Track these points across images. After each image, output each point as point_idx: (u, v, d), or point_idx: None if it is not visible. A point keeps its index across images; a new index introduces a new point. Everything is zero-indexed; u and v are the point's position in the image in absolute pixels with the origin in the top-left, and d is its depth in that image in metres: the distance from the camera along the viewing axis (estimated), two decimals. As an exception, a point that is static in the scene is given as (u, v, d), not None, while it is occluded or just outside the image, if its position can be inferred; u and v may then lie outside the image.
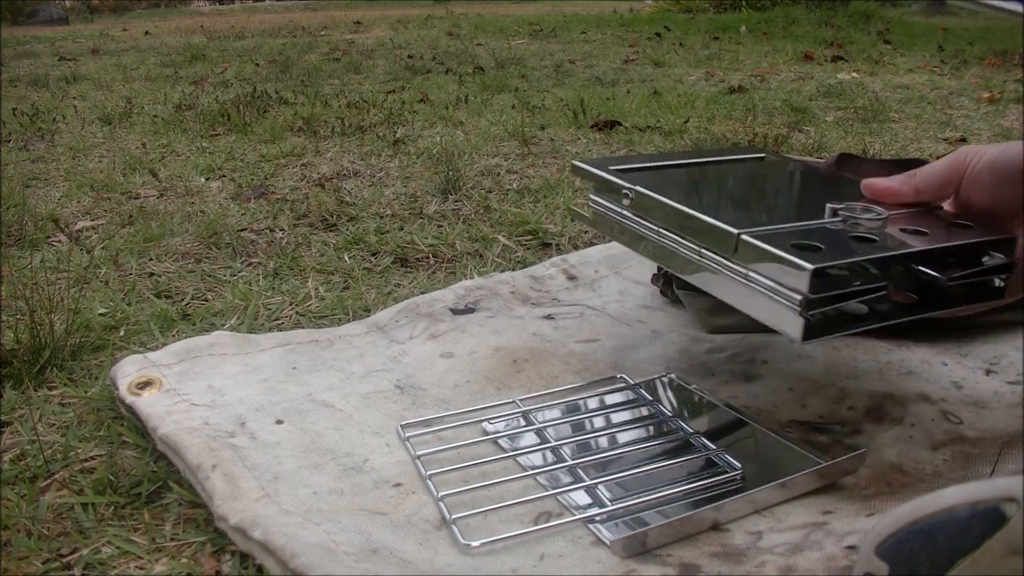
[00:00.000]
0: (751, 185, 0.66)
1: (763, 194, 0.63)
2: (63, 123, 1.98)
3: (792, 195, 0.64)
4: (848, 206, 0.55)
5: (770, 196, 0.63)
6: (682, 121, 1.80)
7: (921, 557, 0.32)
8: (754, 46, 3.58)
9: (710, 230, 0.54)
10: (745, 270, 0.52)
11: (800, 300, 0.48)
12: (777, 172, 0.70)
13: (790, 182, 0.67)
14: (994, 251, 0.53)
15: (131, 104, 2.18)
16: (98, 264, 0.96)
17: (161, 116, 2.03)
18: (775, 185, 0.66)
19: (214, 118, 1.93)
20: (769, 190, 0.65)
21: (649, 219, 0.61)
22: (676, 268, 0.59)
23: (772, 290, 0.50)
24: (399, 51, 3.64)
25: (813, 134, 1.69)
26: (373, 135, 1.74)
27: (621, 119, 1.82)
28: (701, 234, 0.56)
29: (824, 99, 2.17)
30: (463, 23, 5.31)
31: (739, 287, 0.53)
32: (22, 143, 1.73)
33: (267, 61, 3.31)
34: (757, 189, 0.65)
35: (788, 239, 0.51)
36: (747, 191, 0.64)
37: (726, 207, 0.59)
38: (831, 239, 0.51)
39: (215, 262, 0.98)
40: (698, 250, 0.56)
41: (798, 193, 0.65)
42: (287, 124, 1.86)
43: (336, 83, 2.67)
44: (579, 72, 2.83)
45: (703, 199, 0.61)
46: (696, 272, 0.57)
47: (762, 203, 0.61)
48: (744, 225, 0.53)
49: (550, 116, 1.93)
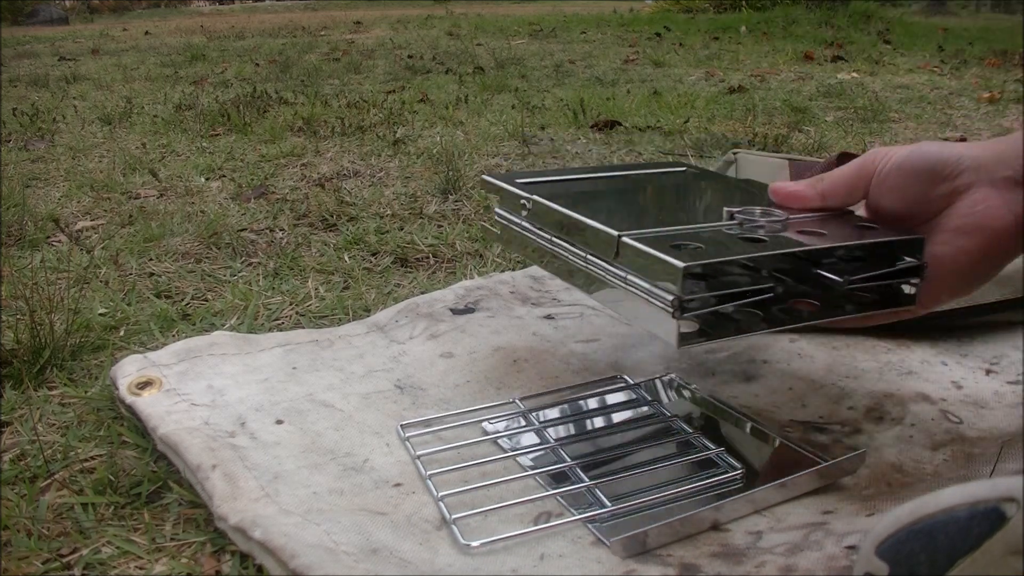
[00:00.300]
0: (654, 193, 0.64)
1: (663, 201, 0.61)
2: (63, 123, 1.98)
3: (695, 202, 0.62)
4: (746, 210, 0.53)
5: (670, 203, 0.61)
6: (682, 121, 1.80)
7: (921, 557, 0.32)
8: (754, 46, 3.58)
9: (594, 234, 0.53)
10: (624, 273, 0.50)
11: (672, 301, 0.46)
12: (687, 182, 0.68)
13: (697, 190, 0.65)
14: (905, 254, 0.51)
15: (131, 104, 2.18)
16: (98, 264, 0.96)
17: (161, 116, 2.03)
18: (679, 193, 0.64)
19: (214, 118, 1.93)
20: (671, 198, 0.63)
21: (543, 228, 0.59)
22: (564, 277, 0.57)
23: (648, 292, 0.48)
24: (399, 51, 3.64)
25: (813, 134, 1.69)
26: (373, 135, 1.74)
27: (621, 119, 1.82)
28: (586, 239, 0.54)
29: (824, 99, 2.17)
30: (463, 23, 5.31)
31: (619, 292, 0.51)
32: (22, 143, 1.73)
33: (267, 61, 3.31)
34: (658, 197, 0.63)
35: (671, 241, 0.49)
36: (647, 199, 0.62)
37: (618, 213, 0.57)
38: (718, 241, 0.49)
39: (215, 262, 0.98)
40: (584, 256, 0.54)
41: (702, 200, 0.62)
42: (287, 124, 1.86)
43: (336, 83, 2.67)
44: (579, 72, 2.83)
45: (596, 206, 0.58)
46: (582, 280, 0.55)
47: (658, 209, 0.58)
48: (628, 228, 0.51)
49: (550, 116, 1.93)
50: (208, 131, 1.82)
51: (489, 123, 1.85)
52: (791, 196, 0.56)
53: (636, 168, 0.72)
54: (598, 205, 0.59)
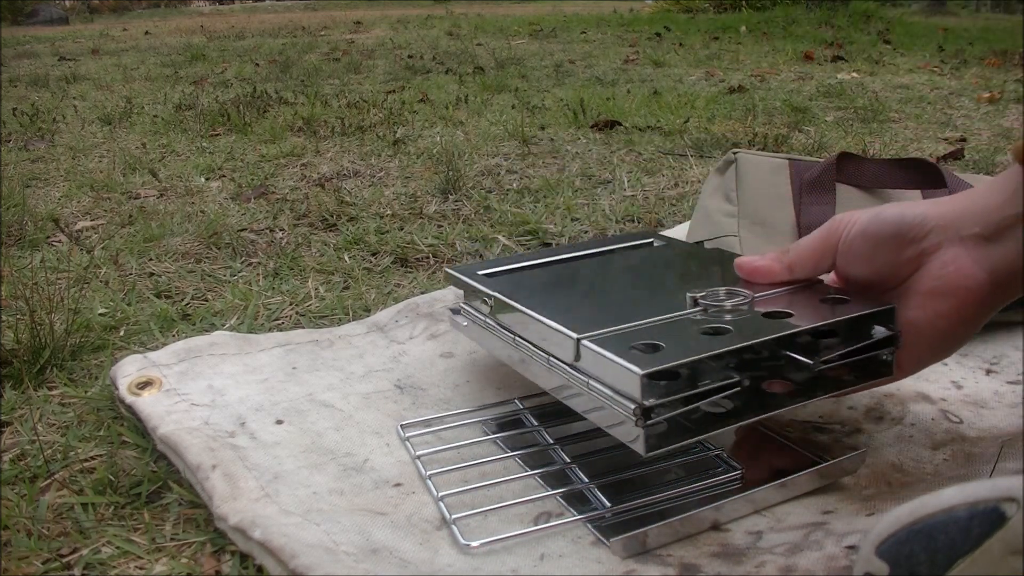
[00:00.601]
0: (618, 279, 0.61)
1: (626, 288, 0.59)
2: (63, 123, 1.98)
3: (659, 285, 0.59)
4: (710, 293, 0.52)
5: (633, 290, 0.58)
6: (682, 121, 1.80)
7: (921, 557, 0.32)
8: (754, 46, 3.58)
9: (553, 335, 0.50)
10: (586, 378, 0.48)
11: (634, 409, 0.43)
12: (653, 260, 0.65)
13: (663, 270, 0.63)
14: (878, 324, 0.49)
15: (131, 104, 2.19)
16: (98, 264, 0.96)
17: (161, 116, 2.03)
18: (644, 276, 0.62)
19: (214, 118, 1.93)
20: (634, 283, 0.60)
21: (505, 326, 0.57)
22: (531, 377, 0.55)
23: (610, 399, 0.45)
24: (399, 51, 3.64)
25: (813, 134, 1.69)
26: (373, 135, 1.74)
27: (621, 119, 1.82)
28: (547, 340, 0.51)
29: (824, 99, 2.17)
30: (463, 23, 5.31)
31: (584, 397, 0.48)
32: (22, 143, 1.73)
33: (267, 61, 3.31)
34: (621, 283, 0.60)
35: (631, 340, 0.47)
36: (610, 286, 0.59)
37: (579, 308, 0.54)
38: (679, 334, 0.47)
39: (215, 262, 0.98)
40: (546, 357, 0.52)
41: (667, 282, 0.60)
42: (287, 124, 1.86)
43: (336, 83, 2.67)
44: (579, 72, 2.83)
45: (557, 301, 0.56)
46: (547, 381, 0.53)
47: (621, 299, 0.56)
48: (588, 328, 0.49)
49: (550, 116, 1.93)
50: (208, 131, 1.82)
51: (489, 123, 1.85)
52: (757, 272, 0.54)
53: (604, 245, 0.70)
54: (559, 299, 0.56)
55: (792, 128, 1.76)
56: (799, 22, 4.54)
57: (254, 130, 1.81)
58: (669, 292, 0.56)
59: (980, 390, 0.63)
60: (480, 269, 0.64)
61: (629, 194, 1.24)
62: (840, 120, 1.87)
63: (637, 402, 0.43)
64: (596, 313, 0.52)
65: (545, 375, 0.53)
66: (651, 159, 1.47)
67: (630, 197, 1.22)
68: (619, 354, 0.45)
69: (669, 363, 0.43)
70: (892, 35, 4.04)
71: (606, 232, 1.06)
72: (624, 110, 1.97)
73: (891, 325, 0.49)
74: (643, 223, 1.10)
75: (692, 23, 4.87)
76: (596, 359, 0.46)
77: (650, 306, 0.52)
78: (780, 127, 1.76)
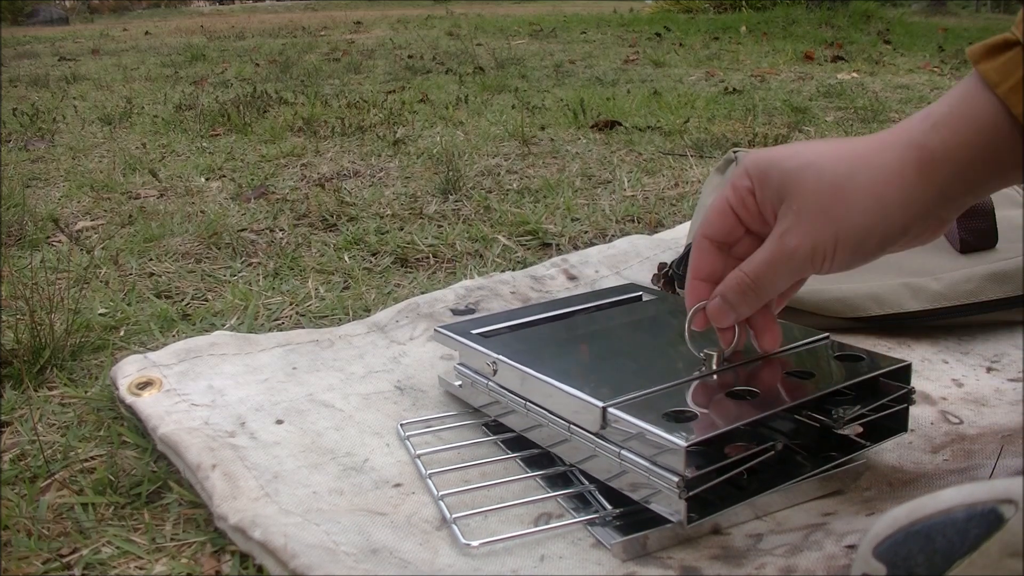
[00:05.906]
0: (619, 337, 0.60)
1: (631, 347, 0.58)
2: (63, 123, 1.98)
3: (666, 342, 0.59)
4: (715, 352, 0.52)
5: (638, 348, 0.58)
6: (682, 121, 1.80)
7: (919, 559, 0.32)
8: (754, 46, 3.58)
9: (572, 402, 0.49)
10: (617, 448, 0.47)
11: (678, 481, 0.43)
12: (646, 315, 0.65)
13: (660, 326, 0.62)
14: (894, 380, 0.51)
15: (131, 104, 2.19)
16: (98, 264, 0.96)
17: (161, 116, 2.03)
18: (644, 333, 0.61)
19: (214, 118, 1.93)
20: (636, 341, 0.59)
21: (513, 391, 0.55)
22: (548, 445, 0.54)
23: (646, 470, 0.45)
24: (399, 51, 3.64)
25: (813, 134, 1.69)
26: (373, 135, 1.74)
27: (621, 119, 1.82)
28: (566, 407, 0.50)
29: (824, 99, 2.17)
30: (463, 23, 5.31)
31: (613, 465, 0.47)
32: (22, 143, 1.73)
33: (267, 61, 3.32)
34: (624, 342, 0.59)
35: (657, 405, 0.46)
36: (614, 346, 0.58)
37: (592, 370, 0.53)
38: (705, 398, 0.47)
39: (215, 262, 0.98)
40: (567, 426, 0.50)
41: (673, 338, 0.59)
42: (287, 124, 1.86)
43: (336, 83, 2.67)
44: (579, 72, 2.83)
45: (566, 364, 0.55)
46: (568, 451, 0.52)
47: (630, 360, 0.55)
48: (607, 393, 0.48)
49: (550, 116, 1.93)
50: (208, 131, 1.82)
51: (489, 123, 1.85)
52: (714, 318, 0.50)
53: (589, 301, 0.69)
54: (566, 362, 0.55)
55: (792, 128, 1.76)
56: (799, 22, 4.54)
57: (254, 130, 1.81)
58: (676, 348, 0.56)
59: (981, 388, 0.64)
60: (472, 328, 0.63)
61: (629, 194, 1.24)
62: (840, 120, 1.87)
63: (680, 474, 0.43)
64: (611, 376, 0.52)
65: (565, 443, 0.52)
66: (651, 159, 1.47)
67: (630, 197, 1.22)
68: (654, 424, 0.44)
69: (710, 434, 0.43)
70: (892, 35, 4.04)
71: (606, 232, 1.06)
72: (624, 110, 1.97)
73: (905, 380, 0.51)
74: (643, 223, 1.10)
75: (692, 23, 4.87)
76: (626, 428, 0.46)
77: (662, 366, 0.53)
78: (780, 127, 1.76)
